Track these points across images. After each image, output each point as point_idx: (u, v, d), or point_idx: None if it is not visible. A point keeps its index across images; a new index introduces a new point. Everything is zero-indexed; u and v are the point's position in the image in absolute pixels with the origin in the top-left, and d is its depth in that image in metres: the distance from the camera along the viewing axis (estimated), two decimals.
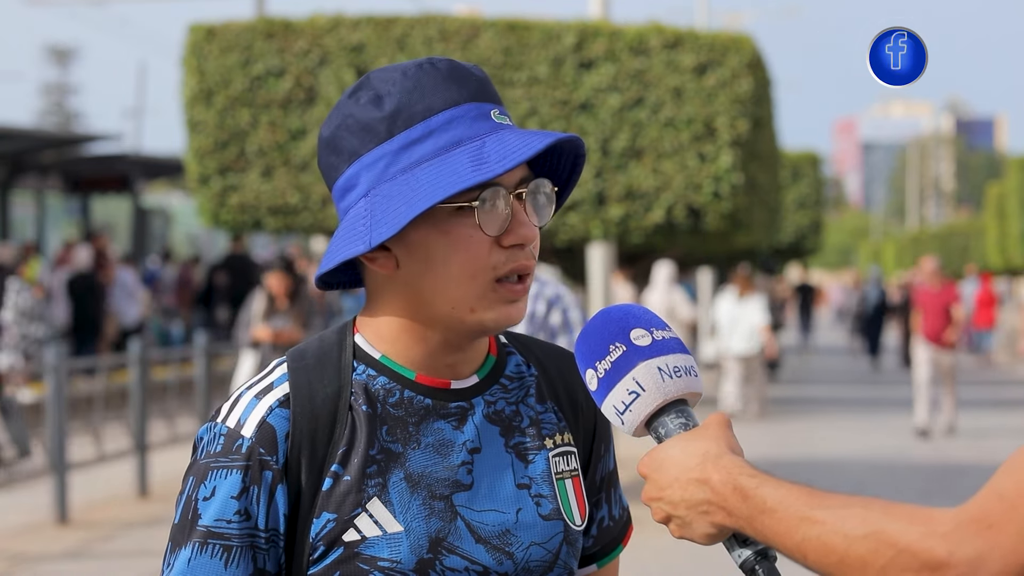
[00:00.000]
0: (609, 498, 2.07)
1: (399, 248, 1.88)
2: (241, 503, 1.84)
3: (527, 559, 1.91)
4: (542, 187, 1.90)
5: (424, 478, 1.88)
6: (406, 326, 1.91)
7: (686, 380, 1.83)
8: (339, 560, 1.85)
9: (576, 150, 1.95)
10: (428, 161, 1.85)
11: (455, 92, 1.88)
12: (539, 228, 1.91)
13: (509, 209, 1.86)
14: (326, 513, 1.85)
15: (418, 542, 1.85)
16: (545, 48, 13.21)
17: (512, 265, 1.87)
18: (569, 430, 2.00)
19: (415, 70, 1.89)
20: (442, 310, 1.88)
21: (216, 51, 13.63)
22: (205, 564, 1.84)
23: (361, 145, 1.88)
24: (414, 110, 1.87)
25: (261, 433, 1.85)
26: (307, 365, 1.91)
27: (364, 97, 1.89)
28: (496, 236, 1.86)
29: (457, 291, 1.87)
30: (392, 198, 1.84)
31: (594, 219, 13.26)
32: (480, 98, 1.89)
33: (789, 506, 1.66)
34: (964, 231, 54.93)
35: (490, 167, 1.82)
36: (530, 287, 1.92)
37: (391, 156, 1.86)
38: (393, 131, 1.87)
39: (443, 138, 1.86)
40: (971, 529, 1.54)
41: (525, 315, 1.92)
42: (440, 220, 1.85)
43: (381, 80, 1.90)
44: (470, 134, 1.86)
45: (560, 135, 1.86)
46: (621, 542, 2.09)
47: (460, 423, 1.92)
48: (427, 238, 1.86)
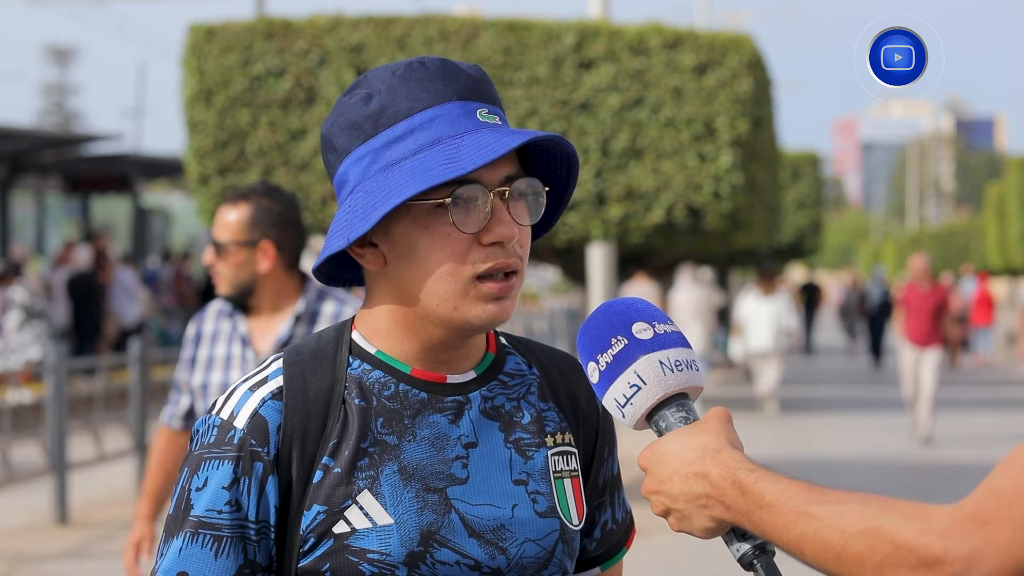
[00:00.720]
0: (612, 502, 2.07)
1: (386, 244, 1.90)
2: (232, 493, 1.85)
3: (521, 555, 1.91)
4: (528, 186, 1.90)
5: (419, 471, 1.88)
6: (400, 321, 1.92)
7: (687, 374, 1.84)
8: (329, 552, 1.85)
9: (569, 151, 1.95)
10: (407, 159, 1.87)
11: (441, 91, 1.89)
12: (526, 227, 1.91)
13: (489, 207, 1.86)
14: (316, 505, 1.86)
15: (409, 535, 1.85)
16: (545, 48, 13.22)
17: (492, 263, 1.87)
18: (570, 431, 2.01)
19: (405, 69, 1.91)
20: (428, 306, 1.89)
21: (216, 51, 13.63)
22: (195, 554, 1.85)
23: (350, 142, 1.91)
24: (398, 108, 1.89)
25: (253, 424, 1.87)
26: (302, 360, 1.92)
27: (356, 95, 1.92)
28: (475, 233, 1.86)
29: (439, 287, 1.88)
30: (370, 195, 1.86)
31: (594, 219, 13.27)
32: (468, 97, 1.90)
33: (787, 501, 1.66)
34: (964, 231, 54.93)
35: (461, 164, 1.83)
36: (518, 285, 1.92)
37: (375, 153, 1.89)
38: (378, 128, 1.89)
39: (423, 136, 1.87)
40: (967, 526, 1.55)
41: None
42: (419, 217, 1.87)
43: (375, 79, 1.92)
44: (450, 132, 1.87)
45: (537, 133, 1.86)
46: (624, 545, 2.09)
47: (456, 417, 1.92)
48: (410, 234, 1.88)
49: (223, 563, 1.85)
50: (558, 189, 1.98)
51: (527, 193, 1.90)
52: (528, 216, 1.91)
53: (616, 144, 13.13)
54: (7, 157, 23.19)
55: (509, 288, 1.90)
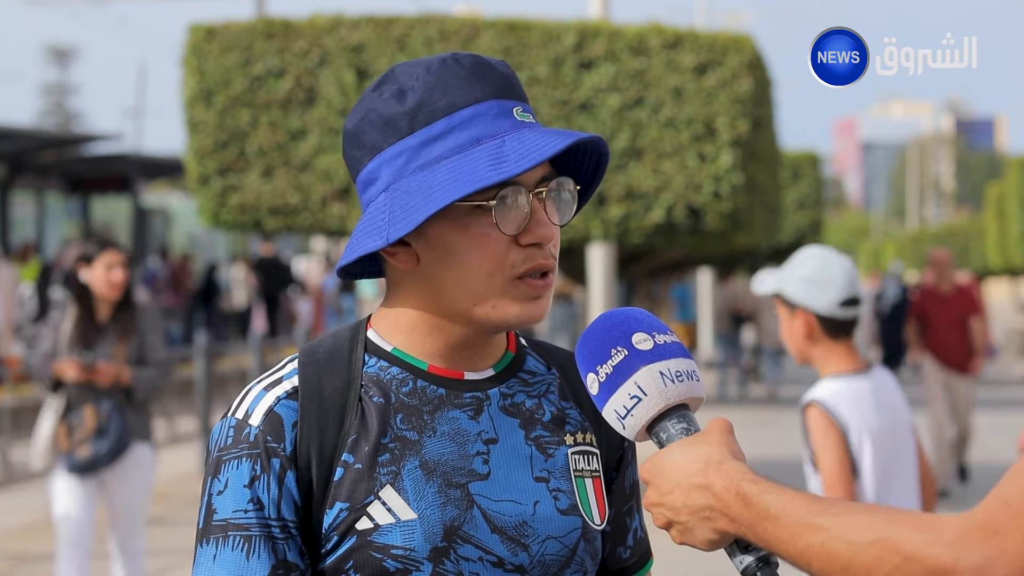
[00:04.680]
0: (640, 507, 2.06)
1: (419, 243, 1.88)
2: (253, 491, 1.84)
3: (542, 552, 1.90)
4: (564, 186, 1.90)
5: (440, 466, 1.87)
6: (424, 318, 1.91)
7: (688, 385, 1.82)
8: (352, 549, 1.84)
9: (599, 149, 1.95)
10: (448, 158, 1.85)
11: (478, 89, 1.87)
12: (560, 227, 1.90)
13: (528, 208, 1.86)
14: (339, 503, 1.84)
15: (432, 530, 1.84)
16: (545, 48, 13.21)
17: (530, 264, 1.87)
18: (592, 431, 1.99)
19: (439, 65, 1.89)
20: (463, 306, 1.88)
21: (216, 51, 13.62)
22: (228, 558, 1.83)
23: (383, 139, 1.88)
24: (436, 106, 1.87)
25: (268, 422, 1.86)
26: (318, 359, 1.91)
27: (388, 91, 1.89)
28: (514, 235, 1.86)
29: (477, 287, 1.87)
30: (411, 194, 1.84)
31: (594, 219, 13.26)
32: (503, 95, 1.89)
33: (792, 512, 1.65)
34: (964, 231, 54.94)
35: (508, 167, 1.81)
36: (553, 284, 1.92)
37: (411, 152, 1.87)
38: (414, 127, 1.87)
39: (463, 135, 1.86)
40: (977, 536, 1.53)
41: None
42: (458, 217, 1.85)
43: (405, 74, 1.90)
44: (490, 132, 1.86)
45: (581, 135, 1.85)
46: (650, 555, 2.09)
47: (476, 413, 1.91)
48: (446, 235, 1.86)
49: (256, 564, 1.83)
50: (583, 186, 1.98)
51: (563, 193, 1.90)
52: (561, 216, 1.90)
53: (616, 144, 13.12)
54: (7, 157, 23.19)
55: (546, 287, 1.90)
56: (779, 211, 19.77)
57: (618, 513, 2.03)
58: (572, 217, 1.93)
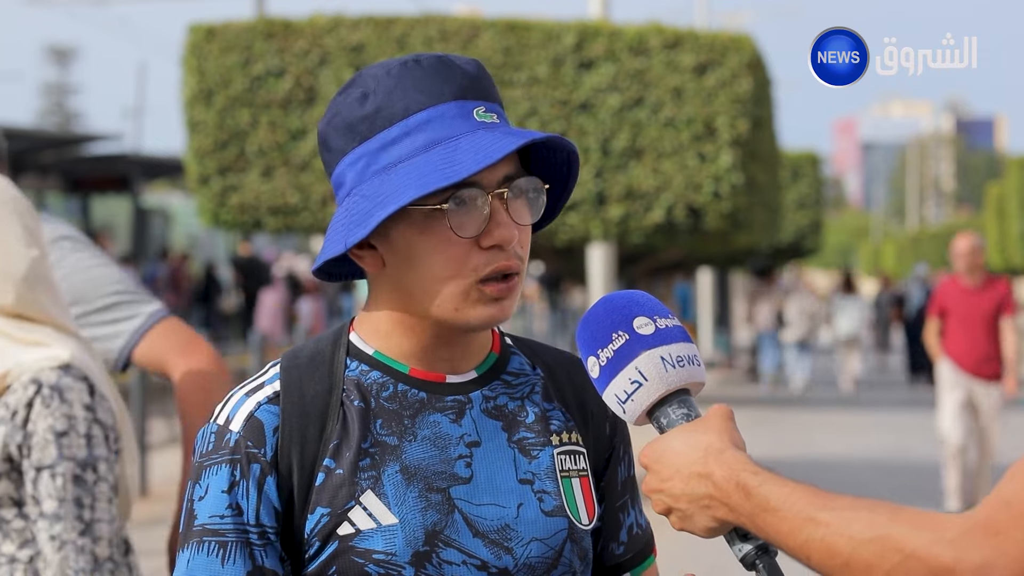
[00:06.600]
0: (635, 502, 2.05)
1: (384, 247, 1.88)
2: (232, 497, 1.84)
3: (527, 555, 1.89)
4: (527, 185, 1.88)
5: (421, 471, 1.87)
6: (399, 320, 1.91)
7: (689, 370, 1.82)
8: (334, 555, 1.84)
9: (567, 147, 1.93)
10: (403, 162, 1.84)
11: (436, 91, 1.86)
12: (526, 226, 1.88)
13: (488, 209, 1.84)
14: (320, 508, 1.84)
15: (414, 534, 1.84)
16: (545, 48, 13.21)
17: (492, 267, 1.85)
18: (578, 430, 1.98)
19: (399, 68, 1.88)
20: (428, 308, 1.87)
21: (216, 51, 13.63)
22: (202, 564, 1.83)
23: (346, 143, 1.89)
24: (393, 110, 1.86)
25: (248, 427, 1.85)
26: (299, 364, 1.91)
27: (352, 95, 1.90)
28: (473, 237, 1.84)
29: (439, 290, 1.86)
30: (367, 199, 1.84)
31: (594, 219, 13.26)
32: (465, 96, 1.87)
33: (793, 506, 1.65)
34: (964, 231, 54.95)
35: (457, 169, 1.80)
36: (518, 285, 1.90)
37: (370, 156, 1.86)
38: (373, 130, 1.87)
39: (419, 139, 1.85)
40: (978, 536, 1.53)
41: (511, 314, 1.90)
42: (417, 221, 1.84)
43: (369, 77, 1.90)
44: (446, 135, 1.84)
45: (535, 135, 1.83)
46: (652, 552, 2.07)
47: (457, 417, 1.90)
48: (409, 238, 1.85)
49: (230, 569, 1.83)
50: (559, 184, 1.96)
51: (527, 191, 1.88)
52: (528, 215, 1.88)
53: (616, 144, 13.12)
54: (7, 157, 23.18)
55: (509, 290, 1.88)
56: (779, 211, 19.77)
57: (610, 509, 2.02)
58: (541, 216, 1.91)
